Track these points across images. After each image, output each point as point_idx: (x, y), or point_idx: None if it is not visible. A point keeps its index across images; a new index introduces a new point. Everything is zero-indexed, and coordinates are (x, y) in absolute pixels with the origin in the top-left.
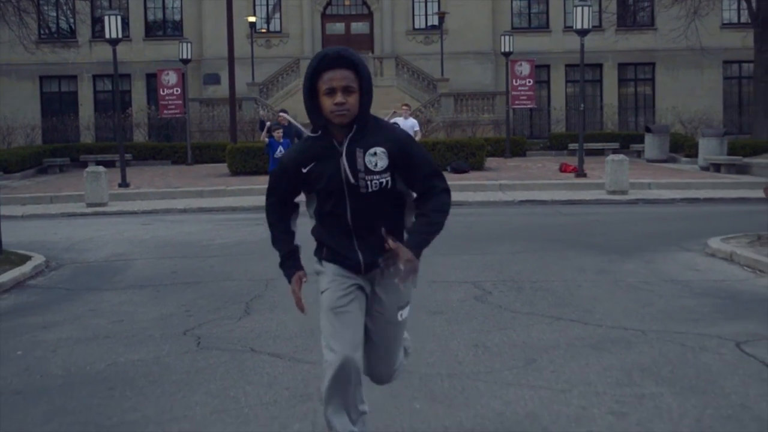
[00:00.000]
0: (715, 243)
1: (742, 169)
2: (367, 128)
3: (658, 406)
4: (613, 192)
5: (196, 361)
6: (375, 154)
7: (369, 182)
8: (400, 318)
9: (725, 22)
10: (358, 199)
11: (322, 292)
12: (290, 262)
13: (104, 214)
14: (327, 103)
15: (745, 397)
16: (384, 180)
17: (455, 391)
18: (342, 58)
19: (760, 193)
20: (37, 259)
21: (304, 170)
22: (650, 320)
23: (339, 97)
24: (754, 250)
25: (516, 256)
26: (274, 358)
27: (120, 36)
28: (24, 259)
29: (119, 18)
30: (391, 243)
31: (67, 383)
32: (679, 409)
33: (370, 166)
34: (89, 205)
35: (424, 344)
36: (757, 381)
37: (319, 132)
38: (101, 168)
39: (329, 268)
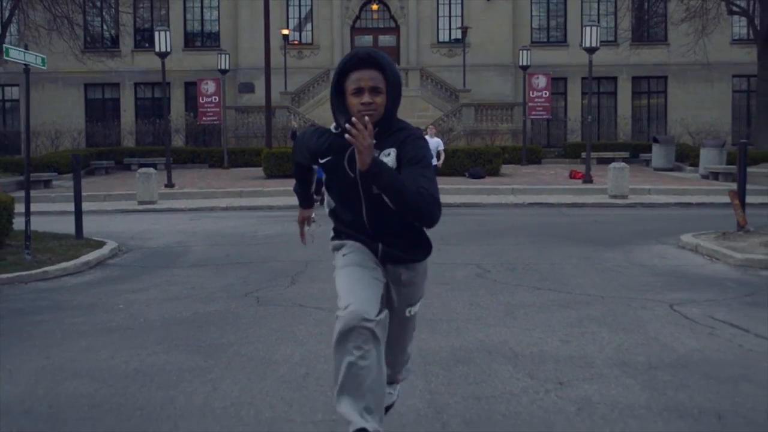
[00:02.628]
0: (686, 237)
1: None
2: (389, 131)
3: (594, 338)
4: (615, 196)
5: (258, 312)
6: (388, 155)
7: None
8: (408, 314)
9: (735, 38)
10: (372, 199)
11: (343, 255)
12: (306, 203)
13: (155, 210)
14: (354, 103)
15: (660, 333)
16: None
17: (451, 328)
18: (371, 58)
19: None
20: (111, 244)
21: (321, 161)
22: (611, 290)
23: (366, 97)
24: (716, 243)
25: (516, 246)
26: (318, 310)
27: (169, 50)
28: (100, 244)
29: (168, 33)
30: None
31: (165, 324)
32: (608, 340)
33: None
34: (140, 202)
35: (431, 303)
36: (673, 325)
37: (339, 130)
38: (152, 170)
39: (349, 242)
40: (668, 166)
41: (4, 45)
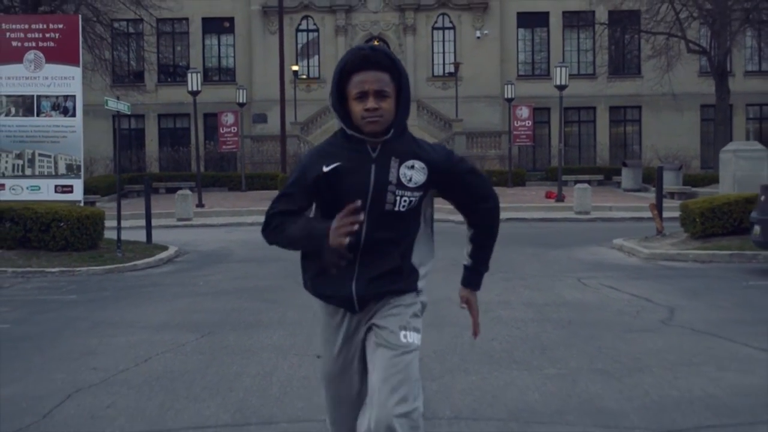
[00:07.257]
0: (617, 240)
1: (691, 196)
2: (405, 137)
3: (517, 294)
4: (579, 212)
5: (298, 287)
6: (412, 167)
7: (398, 198)
8: (404, 339)
9: (703, 71)
10: (377, 216)
11: (318, 356)
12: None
13: (192, 226)
14: (357, 109)
15: (561, 291)
16: (414, 198)
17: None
18: (376, 55)
19: None
20: (174, 247)
21: (326, 168)
22: (543, 272)
23: (371, 102)
24: (637, 243)
25: None
26: None
27: (199, 89)
28: (165, 247)
29: (199, 75)
30: (462, 303)
31: (237, 290)
32: (526, 294)
33: (403, 179)
34: (179, 219)
35: None
36: (573, 288)
37: (352, 132)
38: (188, 191)
39: (319, 311)
40: (636, 187)
41: (105, 97)
